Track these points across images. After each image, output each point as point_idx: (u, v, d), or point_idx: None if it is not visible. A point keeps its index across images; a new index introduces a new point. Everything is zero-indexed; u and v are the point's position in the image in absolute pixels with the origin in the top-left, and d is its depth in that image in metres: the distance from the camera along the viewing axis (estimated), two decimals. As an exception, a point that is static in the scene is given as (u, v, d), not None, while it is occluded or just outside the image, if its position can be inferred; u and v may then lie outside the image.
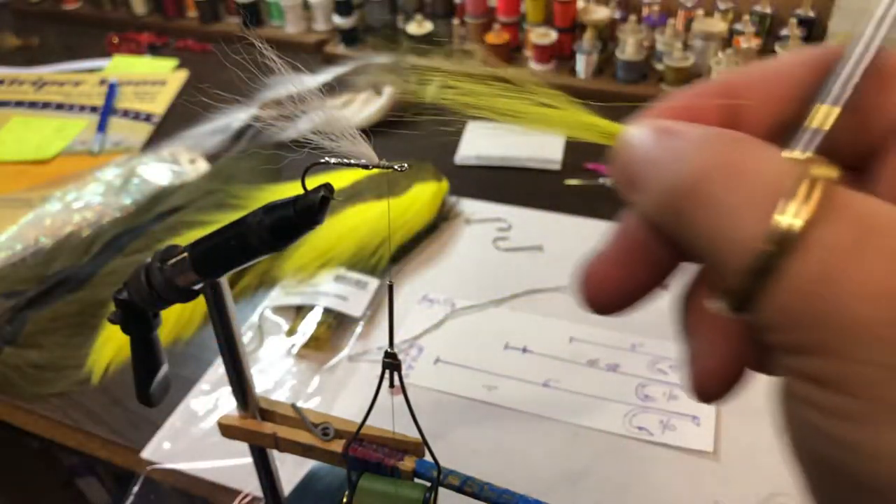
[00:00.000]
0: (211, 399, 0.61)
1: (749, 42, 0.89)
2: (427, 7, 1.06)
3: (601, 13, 0.96)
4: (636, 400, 0.58)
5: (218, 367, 0.63)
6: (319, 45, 1.10)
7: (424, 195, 0.75)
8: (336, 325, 0.65)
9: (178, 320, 0.67)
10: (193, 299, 0.33)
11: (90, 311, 0.69)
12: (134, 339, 0.37)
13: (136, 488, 0.56)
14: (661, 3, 0.95)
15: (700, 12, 0.93)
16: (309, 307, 0.66)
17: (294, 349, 0.64)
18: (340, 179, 0.78)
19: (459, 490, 0.35)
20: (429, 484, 0.36)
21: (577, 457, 0.54)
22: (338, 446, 0.37)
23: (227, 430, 0.39)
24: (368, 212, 0.73)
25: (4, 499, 0.88)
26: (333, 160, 0.25)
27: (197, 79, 1.08)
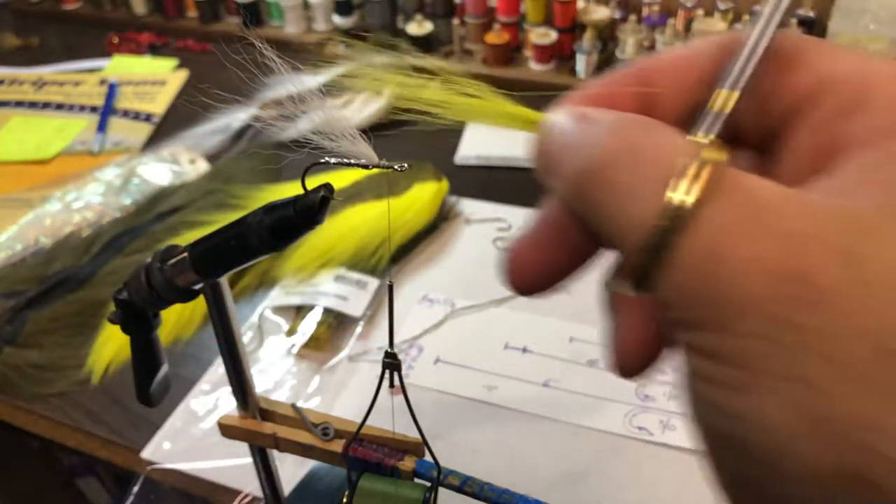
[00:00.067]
0: (211, 399, 0.61)
1: (749, 42, 0.88)
2: (427, 7, 1.06)
3: (601, 13, 0.96)
4: (636, 400, 0.58)
5: (218, 367, 0.63)
6: (319, 45, 1.10)
7: (424, 195, 0.75)
8: (336, 325, 0.65)
9: (178, 320, 0.67)
10: (193, 299, 0.33)
11: (90, 311, 0.69)
12: (134, 339, 0.37)
13: (136, 488, 0.56)
14: (661, 3, 0.95)
15: (700, 12, 0.93)
16: (309, 307, 0.66)
17: (294, 349, 0.64)
18: (340, 179, 0.78)
19: (459, 490, 0.35)
20: (429, 484, 0.36)
21: (577, 457, 0.54)
22: (338, 446, 0.37)
23: (227, 430, 0.39)
24: (368, 212, 0.73)
25: (4, 499, 0.88)
26: (333, 160, 0.25)
27: (197, 79, 1.08)
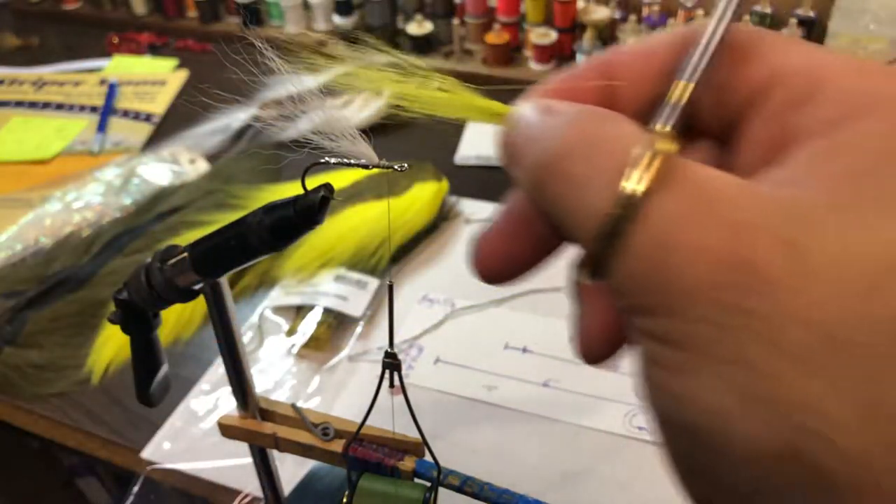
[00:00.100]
0: (211, 399, 0.61)
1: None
2: (427, 7, 1.06)
3: (601, 13, 0.96)
4: (636, 400, 0.58)
5: (218, 367, 0.63)
6: (319, 45, 1.10)
7: (424, 195, 0.75)
8: (336, 325, 0.65)
9: (178, 320, 0.67)
10: (193, 299, 0.33)
11: (90, 311, 0.69)
12: (134, 339, 0.37)
13: (136, 488, 0.56)
14: (661, 3, 0.95)
15: (700, 12, 0.93)
16: (309, 307, 0.66)
17: (294, 349, 0.64)
18: (340, 179, 0.78)
19: (459, 490, 0.35)
20: (429, 484, 0.36)
21: (577, 457, 0.54)
22: (338, 446, 0.37)
23: (227, 430, 0.40)
24: (368, 212, 0.73)
25: (4, 499, 0.88)
26: (333, 160, 0.25)
27: (197, 79, 1.08)
